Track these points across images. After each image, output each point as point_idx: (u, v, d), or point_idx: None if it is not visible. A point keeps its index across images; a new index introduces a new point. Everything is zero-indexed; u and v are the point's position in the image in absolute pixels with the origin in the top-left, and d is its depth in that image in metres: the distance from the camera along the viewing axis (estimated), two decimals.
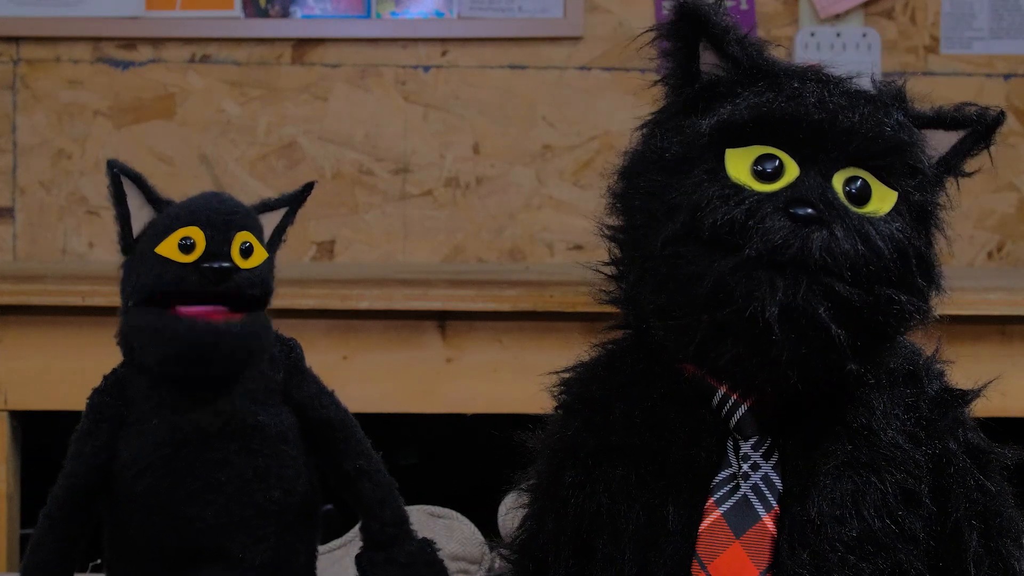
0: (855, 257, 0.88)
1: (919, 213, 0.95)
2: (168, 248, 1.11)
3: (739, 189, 0.90)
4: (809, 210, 0.89)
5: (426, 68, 2.57)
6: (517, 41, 2.56)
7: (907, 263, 0.92)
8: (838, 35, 2.53)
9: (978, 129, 0.99)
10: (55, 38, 2.53)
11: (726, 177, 0.91)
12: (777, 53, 1.00)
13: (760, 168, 0.91)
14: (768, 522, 0.94)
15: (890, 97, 0.97)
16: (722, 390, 0.96)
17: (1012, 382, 1.99)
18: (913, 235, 0.93)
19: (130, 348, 1.15)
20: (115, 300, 1.91)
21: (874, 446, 0.95)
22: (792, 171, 0.91)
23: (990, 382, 1.02)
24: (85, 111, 2.54)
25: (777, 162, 0.91)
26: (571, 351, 1.07)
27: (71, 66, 2.54)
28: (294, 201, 1.20)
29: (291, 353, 1.19)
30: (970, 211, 2.58)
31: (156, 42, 2.54)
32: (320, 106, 2.56)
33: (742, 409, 0.96)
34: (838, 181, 0.92)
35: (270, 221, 1.18)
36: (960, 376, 1.04)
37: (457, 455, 2.49)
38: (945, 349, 1.05)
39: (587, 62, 2.56)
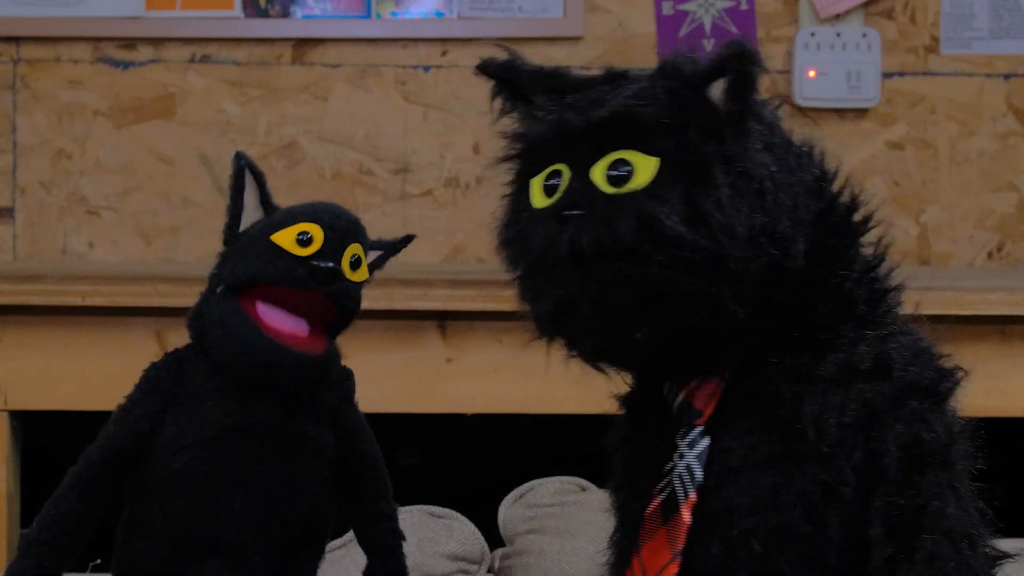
0: (599, 240, 0.93)
1: (691, 169, 0.95)
2: (285, 237, 1.13)
3: (522, 211, 1.00)
4: (572, 211, 0.95)
5: (426, 68, 2.57)
6: (517, 41, 2.56)
7: (656, 233, 0.93)
8: (838, 35, 2.53)
9: (735, 67, 0.97)
10: (55, 38, 2.53)
11: (523, 203, 1.00)
12: (777, 52, 1.01)
13: (548, 184, 0.99)
14: (684, 511, 0.97)
15: (663, 71, 0.98)
16: (667, 382, 1.02)
17: (1012, 382, 1.99)
18: (675, 195, 0.94)
19: (201, 333, 1.15)
20: (115, 300, 1.92)
21: (800, 441, 0.96)
22: (567, 178, 0.97)
23: (962, 373, 1.02)
24: (85, 111, 2.54)
25: (558, 177, 0.98)
26: None
27: (71, 66, 2.54)
28: (391, 248, 1.23)
29: (346, 381, 1.20)
30: (970, 211, 2.58)
31: (156, 42, 2.54)
32: (320, 106, 2.56)
33: (679, 399, 1.01)
34: (600, 171, 0.96)
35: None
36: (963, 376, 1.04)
37: (457, 455, 2.49)
38: (944, 349, 1.05)
39: (587, 62, 2.56)
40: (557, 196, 0.97)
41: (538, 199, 0.99)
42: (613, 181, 0.95)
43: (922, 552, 0.96)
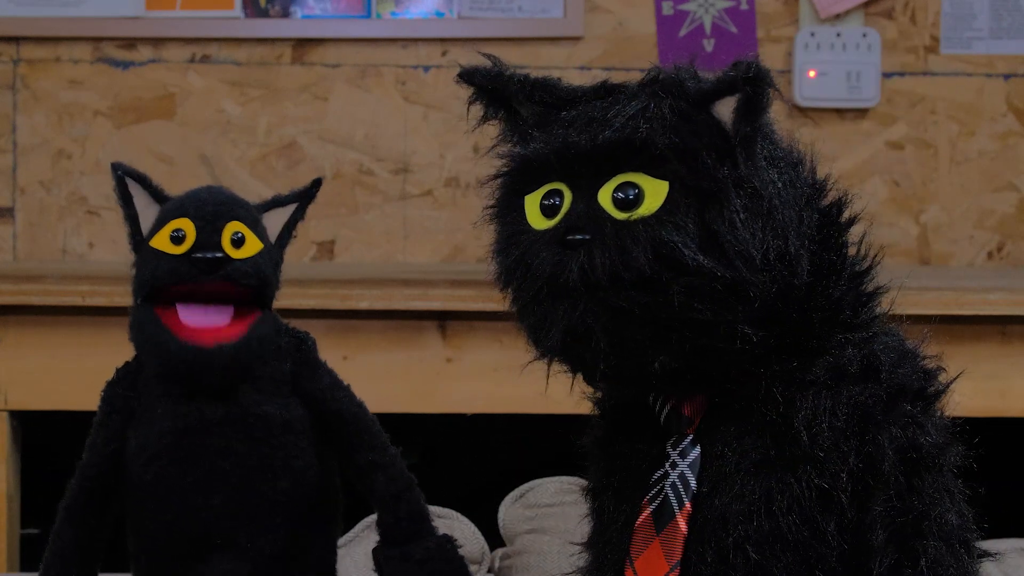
0: (612, 268, 0.91)
1: (703, 194, 0.93)
2: (161, 241, 1.14)
3: (521, 232, 0.96)
4: (577, 236, 0.93)
5: (426, 68, 2.57)
6: (517, 41, 2.56)
7: (672, 256, 0.91)
8: (838, 35, 2.53)
9: (746, 88, 0.94)
10: (55, 38, 2.53)
11: (520, 223, 0.97)
12: (777, 52, 1.00)
13: (546, 203, 0.96)
14: (680, 520, 0.96)
15: (665, 87, 0.95)
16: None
17: (1012, 382, 1.99)
18: (689, 222, 0.92)
19: (135, 343, 1.17)
20: (115, 300, 1.92)
21: (794, 445, 0.95)
22: (568, 199, 0.95)
23: (954, 379, 1.02)
24: (85, 111, 2.54)
25: (559, 196, 0.95)
26: None
27: (71, 66, 2.54)
28: (303, 197, 1.22)
29: (301, 346, 1.20)
30: (970, 211, 2.58)
31: (156, 42, 2.54)
32: (320, 106, 2.56)
33: (667, 408, 0.99)
34: (606, 194, 0.93)
35: (280, 217, 1.20)
36: (961, 376, 1.04)
37: (457, 455, 2.49)
38: (945, 349, 1.04)
39: (587, 62, 2.56)
40: (559, 218, 0.94)
41: (536, 220, 0.96)
42: (621, 205, 0.93)
43: (925, 559, 0.95)
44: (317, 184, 1.23)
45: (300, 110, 2.56)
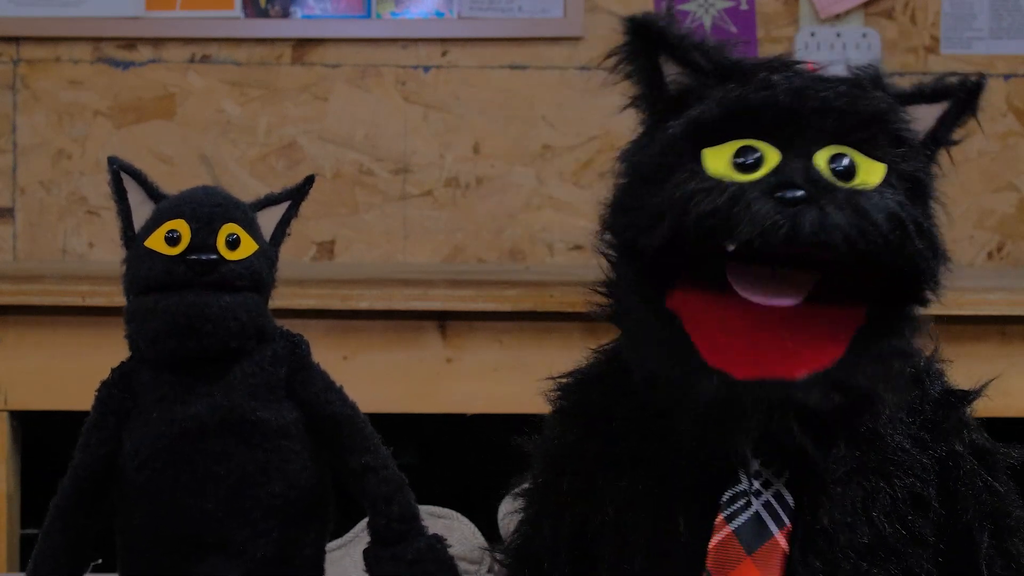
0: (848, 229, 0.86)
1: (911, 183, 0.93)
2: (155, 241, 1.13)
3: (720, 181, 0.88)
4: (796, 192, 0.86)
5: (426, 68, 2.57)
6: (517, 41, 2.56)
7: (905, 231, 0.90)
8: (838, 35, 2.53)
9: (961, 97, 0.97)
10: (55, 38, 2.53)
11: (706, 174, 0.89)
12: (776, 52, 1.00)
13: (741, 160, 0.89)
14: (780, 539, 0.93)
15: (867, 79, 0.95)
16: None
17: (1012, 382, 1.99)
18: (907, 204, 0.91)
19: (134, 341, 1.17)
20: (115, 300, 1.91)
21: (881, 451, 0.93)
22: (773, 158, 0.89)
23: (990, 381, 1.02)
24: (85, 111, 2.54)
25: (757, 152, 0.89)
26: (571, 351, 1.06)
27: (71, 66, 2.54)
28: (296, 194, 1.22)
29: (296, 349, 1.20)
30: (970, 211, 2.58)
31: (156, 42, 2.54)
32: (320, 106, 2.56)
33: None
34: (821, 160, 0.89)
35: (274, 216, 1.20)
36: (961, 376, 1.04)
37: (457, 455, 2.49)
38: (945, 349, 1.05)
39: (587, 62, 2.56)
40: (762, 173, 0.88)
41: (725, 171, 0.89)
42: (837, 174, 0.89)
43: (1016, 559, 0.96)
44: (310, 181, 1.23)
45: (300, 110, 2.56)
